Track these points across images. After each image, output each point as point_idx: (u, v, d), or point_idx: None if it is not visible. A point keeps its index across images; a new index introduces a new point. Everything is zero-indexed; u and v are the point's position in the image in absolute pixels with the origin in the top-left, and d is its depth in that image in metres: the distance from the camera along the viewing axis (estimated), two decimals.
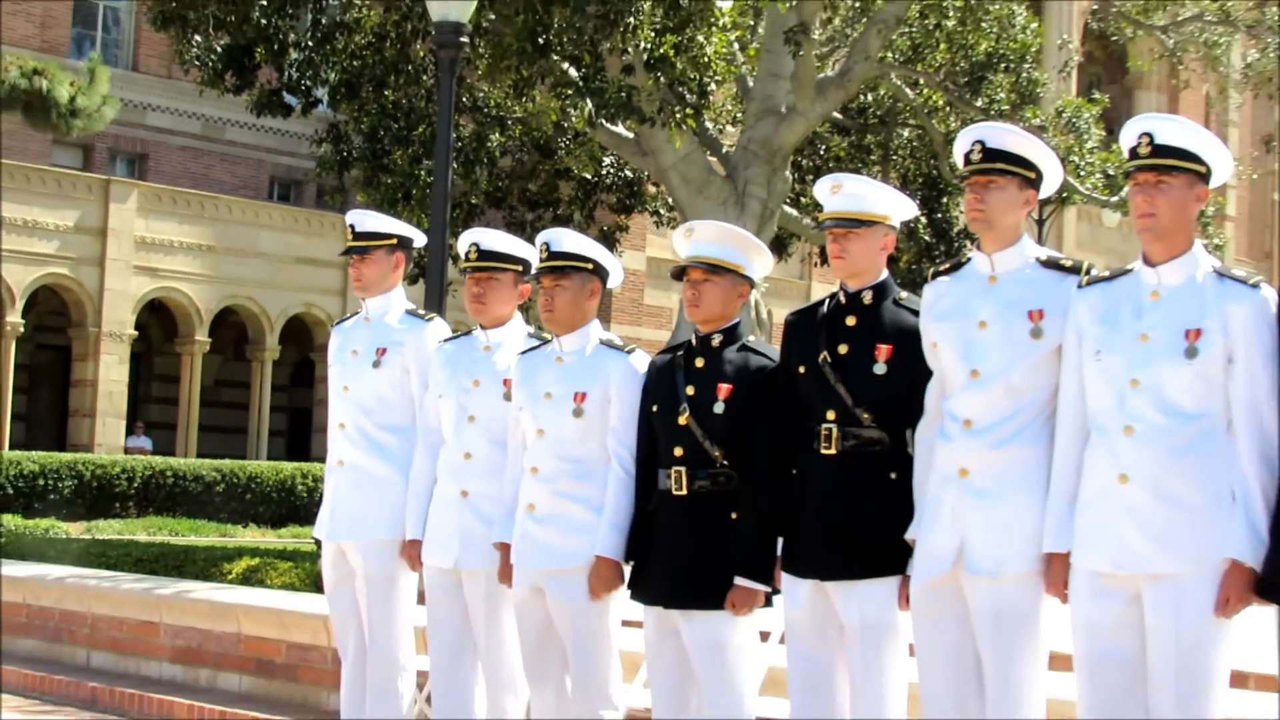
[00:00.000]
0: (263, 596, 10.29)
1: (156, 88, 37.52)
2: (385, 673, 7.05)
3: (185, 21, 15.98)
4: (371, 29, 16.64)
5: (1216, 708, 4.95)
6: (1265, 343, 4.92)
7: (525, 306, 7.04)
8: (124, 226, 33.70)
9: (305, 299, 36.73)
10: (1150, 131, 5.13)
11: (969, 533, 5.30)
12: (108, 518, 23.39)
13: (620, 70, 15.12)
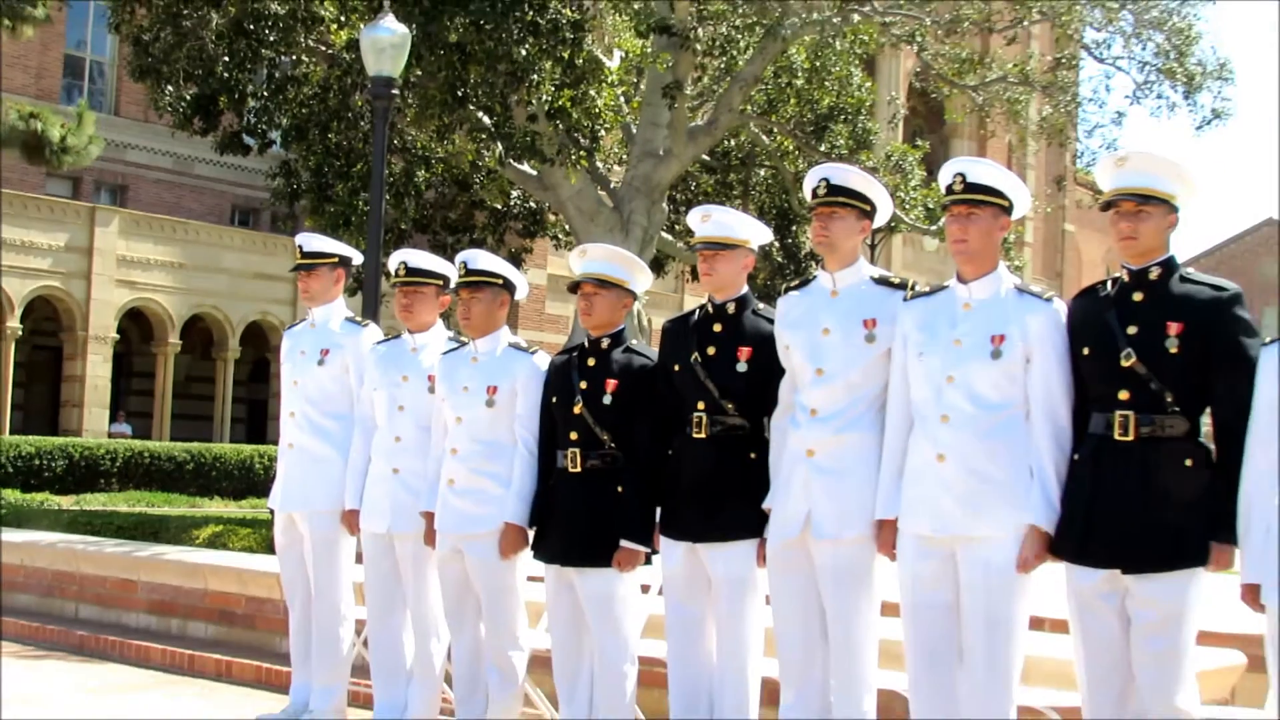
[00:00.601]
0: (225, 558, 10.24)
1: (135, 129, 37.16)
2: (328, 621, 7.00)
3: (159, 74, 15.94)
4: (317, 82, 16.57)
5: (1018, 647, 5.01)
6: (1057, 345, 4.99)
7: (446, 314, 7.00)
8: (107, 246, 33.54)
9: (261, 308, 36.62)
10: (963, 172, 5.18)
11: (815, 503, 5.32)
12: (94, 492, 23.04)
13: (525, 119, 15.14)
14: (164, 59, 15.71)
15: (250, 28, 15.53)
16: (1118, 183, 4.91)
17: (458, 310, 6.58)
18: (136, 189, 38.02)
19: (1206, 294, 4.81)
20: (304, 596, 7.09)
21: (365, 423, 6.93)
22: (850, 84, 18.22)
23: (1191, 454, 4.74)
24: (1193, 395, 4.75)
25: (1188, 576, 4.69)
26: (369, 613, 6.92)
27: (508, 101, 14.90)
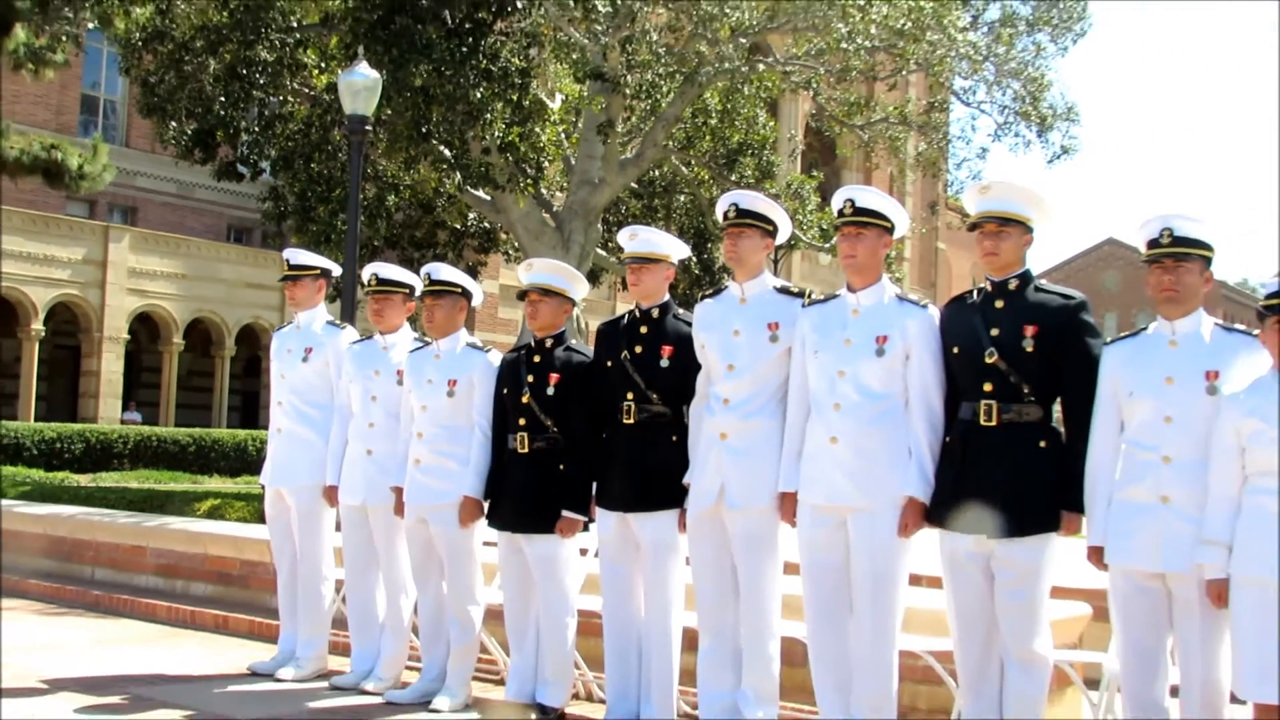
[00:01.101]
0: (222, 527, 10.16)
1: (143, 159, 36.79)
2: (312, 582, 6.98)
3: (164, 112, 15.86)
4: (301, 119, 16.50)
5: (898, 600, 5.05)
6: (931, 345, 5.02)
7: (412, 318, 6.96)
8: (119, 260, 33.26)
9: (254, 313, 36.41)
10: (852, 198, 5.21)
11: (727, 478, 5.33)
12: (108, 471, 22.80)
13: (480, 152, 15.12)
14: (168, 99, 15.63)
15: (243, 72, 15.47)
16: (981, 207, 4.96)
17: (423, 315, 6.59)
18: (145, 210, 37.68)
19: (1057, 302, 4.86)
20: (290, 560, 7.05)
21: (343, 411, 6.90)
22: (756, 123, 18.29)
23: (1045, 437, 4.79)
24: (1046, 387, 4.79)
25: (1043, 540, 4.74)
26: (346, 574, 6.88)
27: (465, 137, 14.88)
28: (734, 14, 15.28)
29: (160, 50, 15.66)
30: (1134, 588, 4.51)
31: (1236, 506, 4.23)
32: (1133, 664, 4.58)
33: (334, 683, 6.66)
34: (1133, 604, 4.53)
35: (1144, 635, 4.54)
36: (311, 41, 16.20)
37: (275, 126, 16.48)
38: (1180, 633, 4.46)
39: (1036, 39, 18.96)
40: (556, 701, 5.99)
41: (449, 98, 13.79)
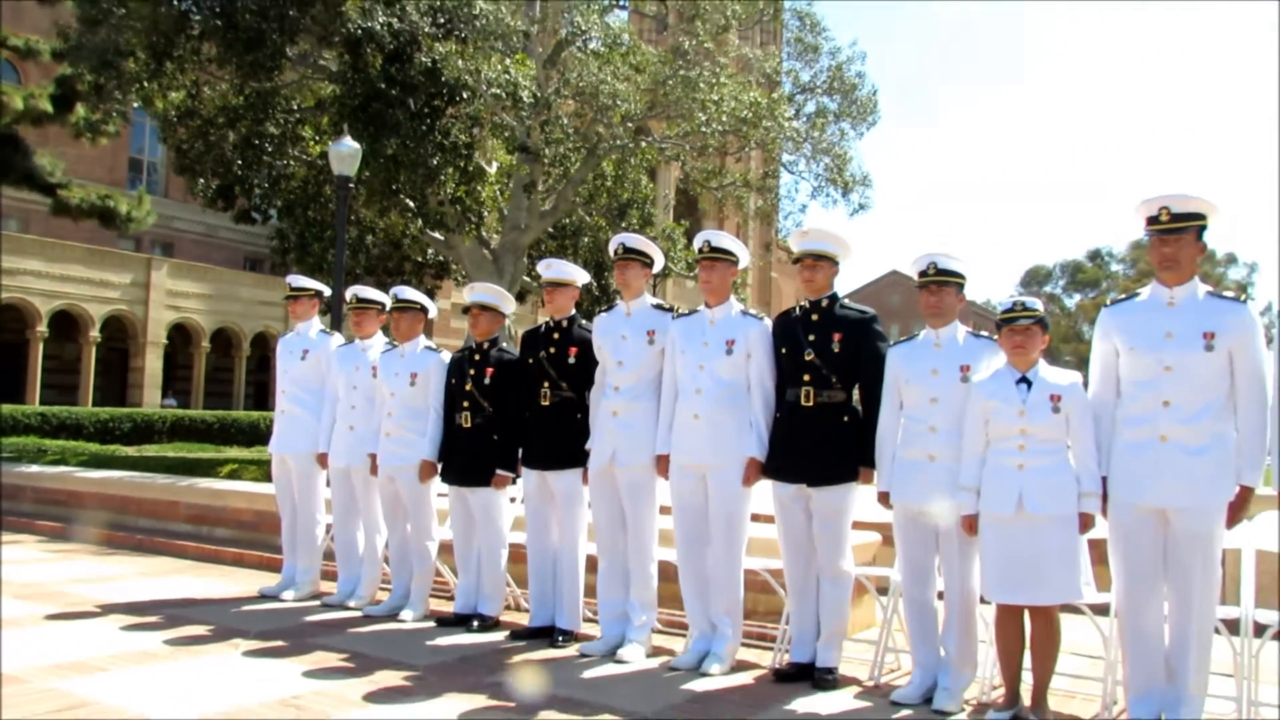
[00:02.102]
0: (240, 485, 9.90)
1: (178, 207, 35.72)
2: (308, 525, 6.82)
3: (194, 171, 15.55)
4: (300, 178, 16.18)
5: (744, 533, 5.06)
6: (766, 347, 5.03)
7: (384, 328, 6.82)
8: (159, 283, 32.50)
9: (265, 323, 35.62)
10: (709, 239, 5.22)
11: (617, 444, 5.29)
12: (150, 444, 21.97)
13: (436, 204, 14.99)
14: (197, 161, 15.29)
15: (255, 142, 15.17)
16: (802, 247, 4.98)
17: (392, 325, 6.50)
18: (179, 245, 36.64)
19: (856, 316, 4.91)
20: (291, 509, 6.88)
21: (331, 396, 6.76)
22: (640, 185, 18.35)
23: (848, 413, 4.83)
24: (848, 378, 4.83)
25: (846, 488, 4.79)
26: (334, 519, 6.72)
27: (425, 193, 14.73)
28: (623, 105, 15.29)
29: (191, 124, 15.37)
30: (910, 521, 4.57)
31: (982, 463, 4.31)
32: (910, 576, 4.64)
33: (324, 601, 6.50)
34: (910, 532, 4.60)
35: (918, 555, 4.61)
36: (308, 120, 15.92)
37: (280, 183, 16.15)
38: (944, 553, 4.53)
39: (841, 126, 19.23)
40: (493, 611, 5.91)
41: (412, 163, 13.66)
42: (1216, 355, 3.92)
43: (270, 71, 13.77)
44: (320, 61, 14.92)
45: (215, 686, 4.46)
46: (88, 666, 4.72)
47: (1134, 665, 4.06)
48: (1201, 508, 3.91)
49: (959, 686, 4.44)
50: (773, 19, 20.05)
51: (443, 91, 13.69)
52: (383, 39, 13.24)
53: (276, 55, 13.49)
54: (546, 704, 4.30)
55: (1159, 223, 4.03)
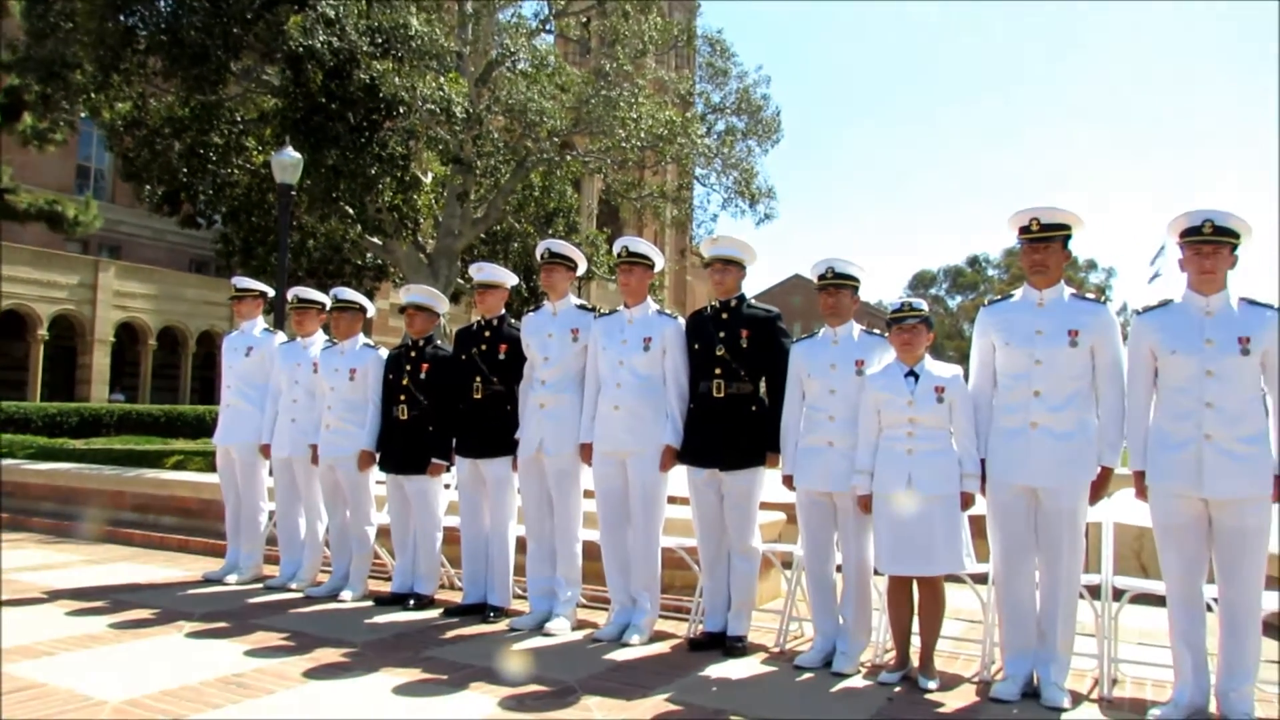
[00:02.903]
0: (185, 475, 9.51)
1: (125, 211, 34.14)
2: (251, 512, 6.61)
3: (140, 179, 14.96)
4: (245, 185, 15.66)
5: (660, 513, 5.03)
6: (680, 344, 5.00)
7: (325, 326, 6.62)
8: (107, 284, 31.21)
9: (210, 322, 34.46)
10: (627, 245, 5.18)
11: (545, 434, 5.22)
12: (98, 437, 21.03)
13: (374, 211, 14.73)
14: (143, 169, 14.70)
15: (201, 152, 14.67)
16: (713, 252, 4.98)
17: (332, 324, 6.33)
18: (127, 248, 35.17)
19: (762, 315, 4.92)
20: (235, 497, 6.65)
21: (274, 391, 6.54)
22: (565, 195, 18.30)
23: (755, 404, 4.84)
24: (756, 371, 4.84)
25: (755, 471, 4.80)
26: (277, 506, 6.51)
27: (364, 201, 14.42)
28: (549, 122, 15.19)
29: (137, 134, 14.76)
30: (812, 501, 4.60)
31: (875, 448, 4.36)
32: (811, 552, 4.67)
33: (267, 584, 6.29)
34: (812, 512, 4.62)
35: (819, 532, 4.64)
36: (251, 131, 15.44)
37: (225, 190, 15.65)
38: (842, 530, 4.56)
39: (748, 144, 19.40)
40: (428, 590, 5.80)
41: (352, 173, 13.37)
42: (1080, 350, 4.02)
43: (215, 85, 13.31)
44: (263, 76, 14.48)
45: (159, 667, 4.26)
46: (34, 651, 4.48)
47: (1009, 628, 4.15)
48: (1067, 487, 4.00)
49: (855, 651, 4.49)
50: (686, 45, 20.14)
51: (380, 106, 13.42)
52: (323, 56, 12.91)
53: (221, 70, 13.04)
54: (476, 676, 4.21)
55: (1030, 232, 4.12)
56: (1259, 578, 3.73)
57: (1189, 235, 3.82)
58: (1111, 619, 4.31)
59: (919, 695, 4.07)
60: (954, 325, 63.75)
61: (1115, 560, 4.54)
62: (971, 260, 70.13)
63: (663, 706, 3.84)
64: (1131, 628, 5.00)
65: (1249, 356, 3.71)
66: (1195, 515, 3.78)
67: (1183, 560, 3.81)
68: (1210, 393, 3.73)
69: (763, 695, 4.05)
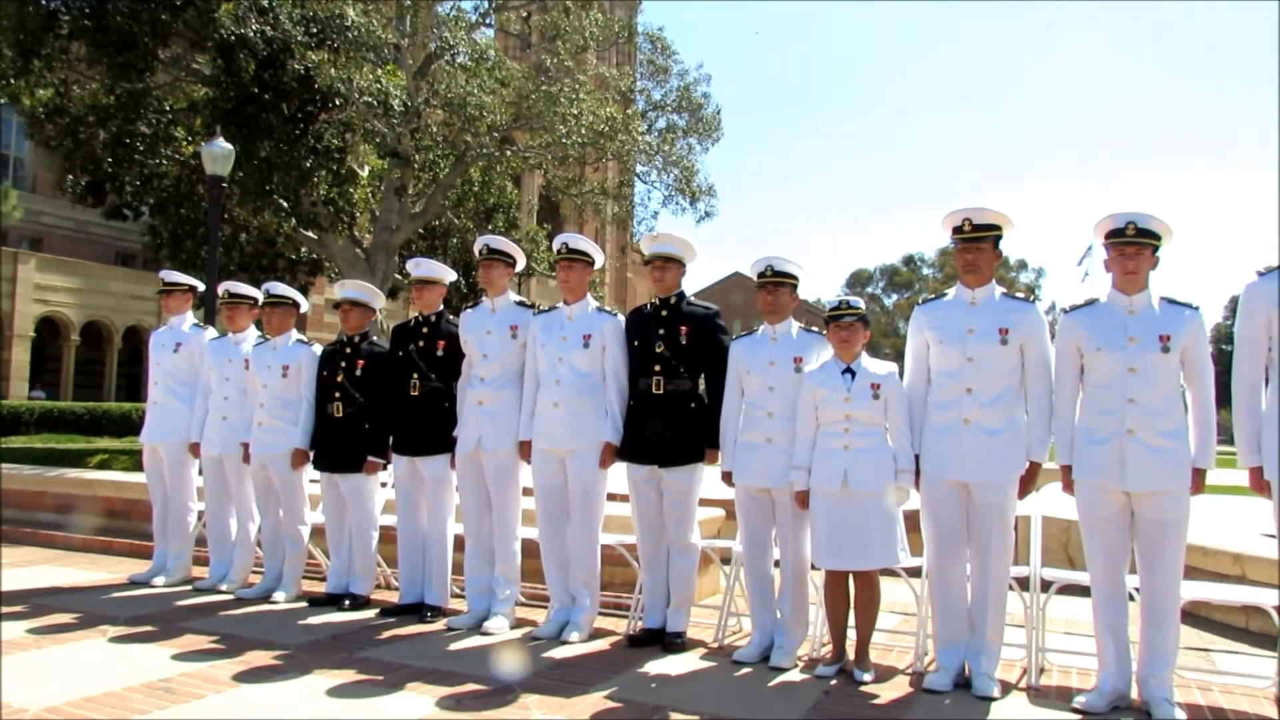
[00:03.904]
0: (109, 475, 9.21)
1: (46, 202, 32.90)
2: (180, 513, 6.43)
3: (63, 168, 14.33)
4: (174, 176, 15.21)
5: (600, 510, 5.03)
6: (620, 340, 5.00)
7: (258, 322, 6.45)
8: (26, 277, 30.05)
9: (137, 318, 33.43)
10: (567, 241, 5.16)
11: (483, 431, 5.18)
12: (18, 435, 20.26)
13: (309, 204, 14.41)
14: (66, 158, 14.13)
15: (126, 141, 14.15)
16: (653, 250, 4.97)
17: (264, 320, 6.19)
18: (48, 240, 33.90)
19: (701, 312, 4.93)
20: (163, 497, 6.46)
21: (205, 388, 6.37)
22: (505, 191, 18.17)
23: (695, 400, 4.85)
24: (695, 368, 4.85)
25: (693, 468, 4.81)
26: (207, 506, 6.34)
27: (298, 194, 14.11)
28: (489, 117, 15.06)
29: (59, 122, 14.18)
30: (750, 497, 4.63)
31: (812, 444, 4.40)
32: (750, 547, 4.71)
33: (196, 586, 6.12)
34: (750, 508, 4.65)
35: (757, 528, 4.67)
36: (181, 121, 14.99)
37: (153, 181, 15.14)
38: (780, 526, 4.61)
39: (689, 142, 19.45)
40: (364, 590, 5.71)
41: (286, 165, 13.08)
42: (1010, 348, 4.11)
43: (142, 73, 12.91)
44: (193, 65, 14.08)
45: (81, 673, 4.12)
46: None
47: (942, 620, 4.23)
48: (997, 481, 4.09)
49: (793, 645, 4.53)
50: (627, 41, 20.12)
51: (316, 98, 13.16)
52: (256, 45, 12.61)
53: (148, 57, 12.66)
54: (413, 676, 4.15)
55: (962, 233, 4.20)
56: (1177, 568, 3.86)
57: (1113, 236, 3.92)
58: (1039, 610, 4.42)
59: (854, 688, 4.13)
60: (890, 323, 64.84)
61: (1043, 553, 4.65)
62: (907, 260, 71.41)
63: (602, 704, 3.83)
64: (1058, 618, 5.14)
65: (1169, 354, 3.83)
66: (1118, 508, 3.89)
67: (1106, 552, 3.92)
68: (1133, 389, 3.83)
69: (701, 691, 4.07)
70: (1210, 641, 5.23)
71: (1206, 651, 5.00)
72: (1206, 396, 3.86)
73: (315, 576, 6.33)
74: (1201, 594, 4.47)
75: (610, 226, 23.65)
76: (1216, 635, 5.37)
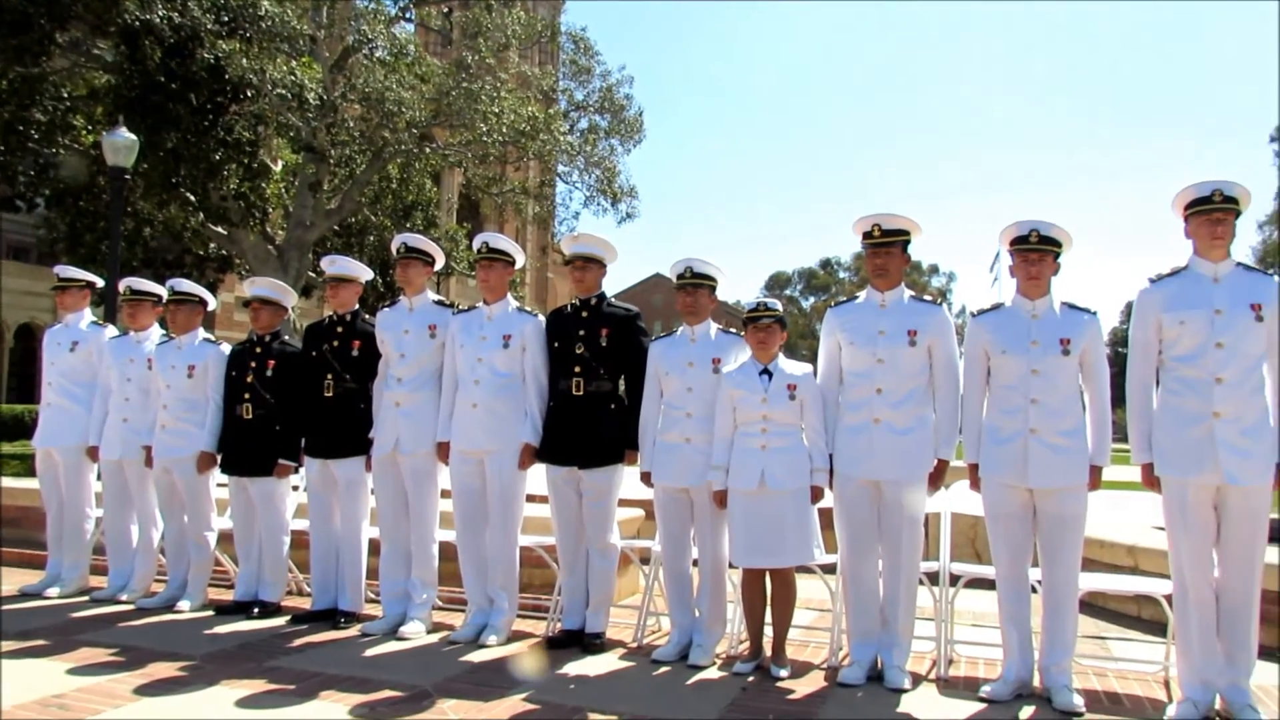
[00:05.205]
0: (1, 481, 8.67)
1: None
2: (76, 520, 6.15)
3: None
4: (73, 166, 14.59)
5: (519, 512, 4.99)
6: (540, 341, 4.98)
7: (162, 320, 6.23)
8: None
9: (30, 314, 31.93)
10: (487, 240, 5.12)
11: (401, 432, 5.10)
12: None
13: (219, 199, 13.98)
14: None
15: (20, 128, 13.50)
16: (574, 250, 4.96)
17: (169, 318, 5.98)
18: None
19: (622, 313, 4.94)
20: (57, 504, 6.18)
21: (104, 389, 6.13)
22: (424, 188, 17.97)
23: (614, 401, 4.85)
24: (615, 369, 4.86)
25: (613, 469, 4.82)
26: (106, 512, 6.09)
27: (207, 187, 13.68)
28: (408, 113, 14.84)
29: None
30: (669, 497, 4.66)
31: (730, 445, 4.45)
32: (668, 547, 4.74)
33: (94, 596, 5.87)
34: (669, 508, 4.68)
35: (676, 527, 4.70)
36: (80, 108, 14.36)
37: (49, 171, 14.49)
38: (698, 525, 4.64)
39: (611, 143, 19.51)
40: (274, 597, 5.57)
41: (194, 158, 12.70)
42: (918, 350, 4.23)
43: (37, 57, 12.36)
44: (94, 50, 13.54)
45: None
46: None
47: (855, 615, 4.32)
48: (907, 479, 4.21)
49: (711, 643, 4.57)
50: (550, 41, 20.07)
51: (226, 89, 12.79)
52: (162, 32, 12.19)
53: (45, 41, 12.13)
54: (326, 684, 4.07)
55: (872, 237, 4.31)
56: (1076, 560, 4.02)
57: (1018, 243, 4.06)
58: (948, 603, 4.56)
59: (771, 684, 4.19)
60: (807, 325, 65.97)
61: (952, 548, 4.81)
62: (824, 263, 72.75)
63: (520, 706, 3.81)
64: (966, 610, 5.30)
65: (1069, 357, 3.99)
66: (1022, 504, 4.04)
67: (1010, 546, 4.07)
68: (1035, 390, 3.98)
69: (620, 690, 4.08)
70: (1106, 630, 5.47)
71: (1103, 639, 5.23)
72: (1103, 397, 4.04)
73: (222, 584, 6.14)
74: (1098, 585, 4.67)
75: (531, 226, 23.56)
76: (1112, 624, 5.62)
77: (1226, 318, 3.74)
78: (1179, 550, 3.83)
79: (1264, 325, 3.73)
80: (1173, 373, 3.84)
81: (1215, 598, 3.77)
